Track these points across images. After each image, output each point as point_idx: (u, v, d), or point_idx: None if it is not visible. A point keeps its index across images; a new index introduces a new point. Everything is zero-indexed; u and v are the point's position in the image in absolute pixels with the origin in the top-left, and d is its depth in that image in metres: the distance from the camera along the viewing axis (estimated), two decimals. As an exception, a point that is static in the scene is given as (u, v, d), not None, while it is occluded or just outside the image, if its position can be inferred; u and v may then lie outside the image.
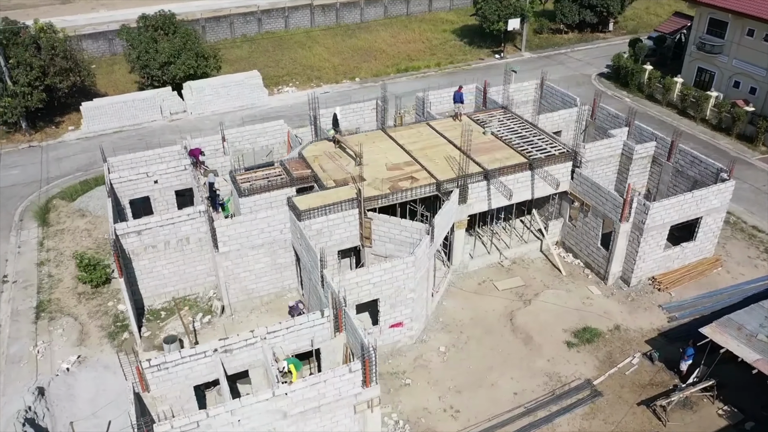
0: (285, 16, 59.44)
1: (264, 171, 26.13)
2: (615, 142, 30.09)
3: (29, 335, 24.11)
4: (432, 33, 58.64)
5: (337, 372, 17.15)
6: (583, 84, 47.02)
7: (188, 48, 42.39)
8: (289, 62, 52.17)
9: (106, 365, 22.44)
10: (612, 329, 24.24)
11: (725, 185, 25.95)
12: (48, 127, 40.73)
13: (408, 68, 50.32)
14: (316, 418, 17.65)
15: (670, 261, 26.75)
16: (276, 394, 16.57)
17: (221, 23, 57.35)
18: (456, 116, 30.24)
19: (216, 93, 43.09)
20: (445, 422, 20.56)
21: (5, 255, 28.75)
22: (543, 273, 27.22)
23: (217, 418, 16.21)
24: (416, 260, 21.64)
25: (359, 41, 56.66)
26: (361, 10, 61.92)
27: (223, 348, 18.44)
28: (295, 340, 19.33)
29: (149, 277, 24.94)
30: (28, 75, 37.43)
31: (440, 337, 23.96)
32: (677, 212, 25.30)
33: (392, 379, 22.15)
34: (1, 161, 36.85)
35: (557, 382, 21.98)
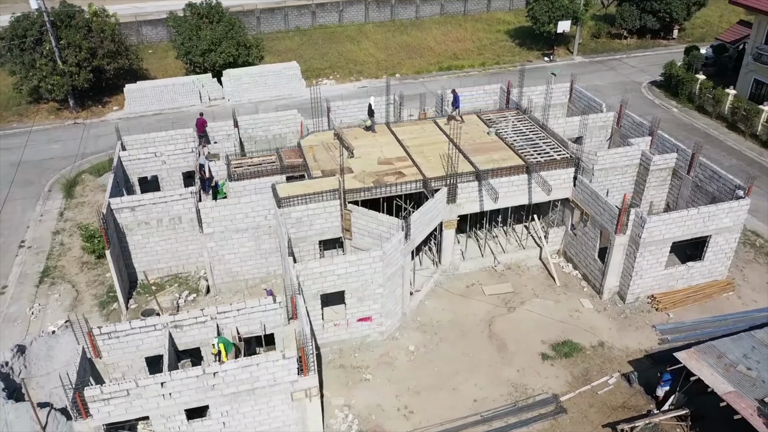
0: (339, 11, 60.07)
1: (260, 157, 26.57)
2: (632, 151, 28.57)
3: (29, 297, 25.65)
4: (484, 33, 57.64)
5: (271, 357, 17.24)
6: (631, 91, 44.90)
7: (230, 37, 43.65)
8: (335, 56, 52.72)
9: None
10: (595, 345, 23.05)
11: (738, 203, 24.08)
12: (95, 106, 43.10)
13: (451, 67, 49.69)
14: (250, 401, 17.83)
15: (673, 280, 25.13)
16: (206, 372, 16.86)
17: (276, 15, 58.69)
18: (450, 118, 29.38)
19: (254, 82, 44.17)
20: (396, 421, 20.23)
21: (28, 222, 30.69)
22: (536, 281, 26.23)
23: (147, 389, 16.69)
24: (384, 255, 21.39)
25: (409, 38, 56.48)
26: (417, 7, 61.67)
27: (173, 323, 18.94)
28: (246, 322, 19.59)
29: (142, 252, 25.93)
30: (77, 56, 39.71)
31: (413, 335, 23.59)
32: (680, 228, 23.71)
33: (354, 372, 22.01)
34: (45, 135, 39.32)
35: (522, 394, 21.14)
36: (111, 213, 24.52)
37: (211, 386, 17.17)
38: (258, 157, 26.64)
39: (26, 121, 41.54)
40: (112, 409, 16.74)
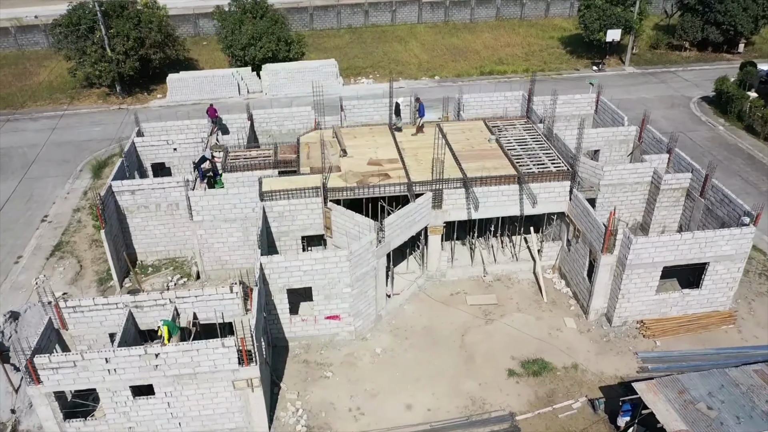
0: (392, 11, 60.29)
1: (259, 151, 27.21)
2: (642, 167, 27.27)
3: (38, 268, 27.41)
4: (536, 38, 56.28)
5: (210, 344, 17.71)
6: (677, 106, 42.74)
7: (271, 32, 44.77)
8: (380, 55, 52.99)
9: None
10: (568, 367, 22.20)
11: (741, 231, 22.50)
12: (141, 93, 45.37)
13: (493, 71, 48.90)
14: (193, 385, 18.38)
15: (666, 306, 23.80)
16: (148, 352, 17.54)
17: (329, 12, 59.60)
18: (418, 129, 28.72)
19: (291, 77, 45.13)
20: (344, 421, 20.28)
21: (55, 198, 32.76)
22: (523, 296, 25.51)
23: (93, 362, 17.54)
24: (352, 256, 21.45)
25: (458, 40, 55.97)
26: (472, 9, 60.98)
27: (134, 303, 19.78)
28: (204, 309, 20.18)
29: (142, 234, 27.15)
30: (125, 45, 41.95)
31: (383, 338, 23.52)
32: (672, 253, 22.42)
33: (316, 368, 22.22)
34: (90, 118, 41.77)
35: (478, 408, 20.67)
36: (113, 195, 25.83)
37: (154, 366, 17.83)
38: (256, 150, 27.26)
39: (77, 104, 44.30)
40: (61, 378, 17.71)
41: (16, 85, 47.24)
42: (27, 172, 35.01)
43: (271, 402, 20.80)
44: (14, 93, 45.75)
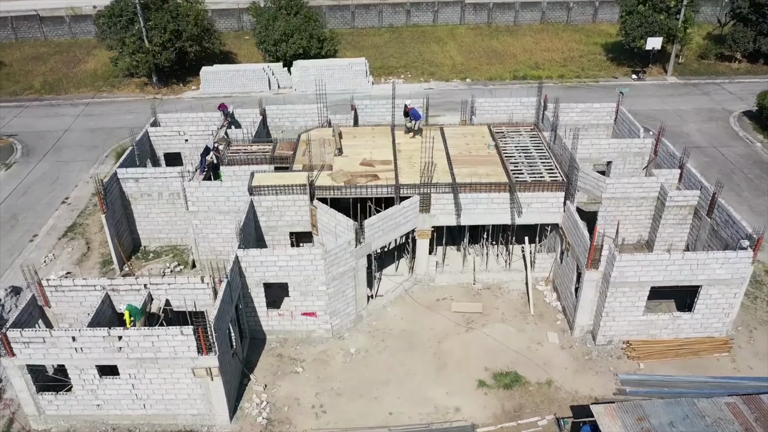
0: (434, 11, 60.02)
1: (259, 146, 27.72)
2: (648, 182, 26.29)
3: (49, 247, 28.85)
4: (579, 44, 54.83)
5: (169, 331, 18.23)
6: (715, 120, 40.83)
7: (303, 29, 45.40)
8: (416, 55, 52.88)
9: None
10: (542, 382, 21.64)
11: (737, 255, 21.34)
12: (177, 84, 46.94)
13: (526, 76, 47.97)
14: (155, 369, 18.97)
15: (655, 328, 22.84)
16: (111, 334, 18.24)
17: (371, 11, 59.88)
18: (410, 131, 28.42)
19: (320, 74, 45.56)
20: (305, 417, 20.47)
21: (77, 181, 34.35)
22: (510, 306, 25.01)
23: (60, 340, 18.38)
24: (327, 255, 21.60)
25: (497, 43, 55.21)
26: (516, 12, 59.98)
27: (111, 287, 20.59)
28: (177, 297, 20.77)
29: (145, 221, 28.14)
30: (162, 37, 43.48)
31: (359, 339, 23.58)
32: (660, 273, 21.48)
33: (288, 363, 22.51)
34: (125, 107, 43.52)
35: (441, 417, 20.45)
36: (118, 181, 26.90)
37: (118, 348, 18.52)
38: (257, 145, 27.78)
39: (116, 92, 46.27)
40: (32, 352, 18.63)
41: (63, 72, 49.77)
42: (58, 155, 36.94)
43: (238, 392, 21.23)
44: (61, 79, 48.20)
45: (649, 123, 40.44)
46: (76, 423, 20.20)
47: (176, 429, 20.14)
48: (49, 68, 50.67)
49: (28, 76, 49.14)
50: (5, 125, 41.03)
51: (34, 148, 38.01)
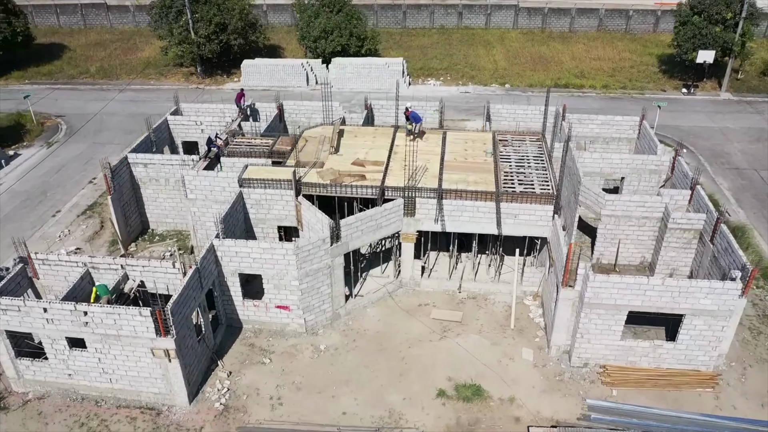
0: (487, 14, 59.16)
1: (263, 140, 28.35)
2: (651, 201, 25.11)
3: (66, 223, 30.62)
4: (633, 54, 52.62)
5: (129, 311, 19.05)
6: (763, 141, 38.42)
7: (344, 27, 45.88)
8: (459, 58, 52.35)
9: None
10: (504, 399, 21.11)
11: (723, 285, 20.05)
12: (220, 76, 48.53)
13: (568, 84, 46.55)
14: (118, 346, 19.87)
15: (634, 355, 21.79)
16: (77, 309, 19.25)
17: (422, 12, 59.71)
18: (410, 133, 28.04)
19: (357, 72, 46.03)
20: (261, 407, 20.86)
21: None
22: (491, 318, 24.49)
23: (33, 310, 19.58)
24: (299, 250, 21.89)
25: (546, 49, 53.81)
26: (572, 19, 58.23)
27: (91, 264, 21.69)
28: (150, 279, 21.64)
29: (153, 205, 29.39)
30: (207, 29, 45.08)
31: (332, 336, 23.75)
32: (638, 297, 20.48)
33: (257, 353, 22.98)
34: (168, 95, 45.29)
35: (392, 422, 20.33)
36: (128, 165, 28.24)
37: (84, 323, 19.52)
38: (259, 139, 28.40)
39: (163, 80, 48.39)
40: (9, 319, 19.92)
41: (121, 59, 52.50)
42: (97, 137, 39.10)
43: (204, 376, 21.88)
44: (117, 66, 50.89)
45: (689, 140, 38.54)
46: (51, 389, 21.43)
47: (139, 405, 21.00)
48: (108, 54, 53.59)
49: (87, 61, 52.17)
50: (57, 106, 43.76)
51: (77, 129, 40.37)
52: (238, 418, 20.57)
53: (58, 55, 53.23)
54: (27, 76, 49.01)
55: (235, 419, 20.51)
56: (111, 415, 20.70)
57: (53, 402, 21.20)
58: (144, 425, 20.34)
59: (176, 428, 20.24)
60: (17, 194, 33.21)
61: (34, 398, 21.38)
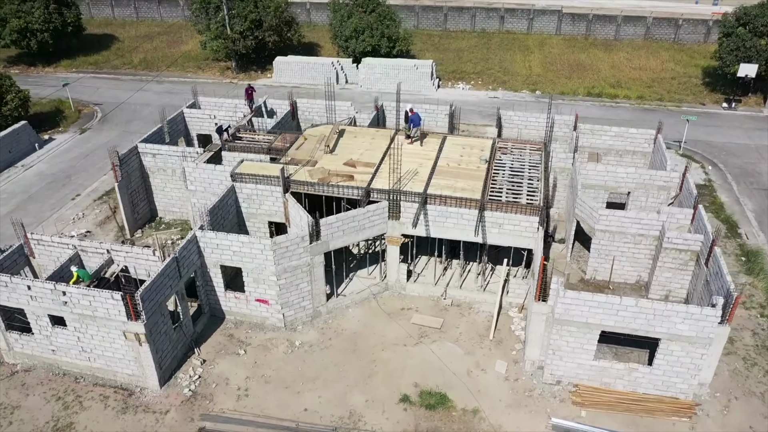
0: (529, 18, 58.12)
1: (265, 136, 28.90)
2: (647, 218, 24.22)
3: (82, 207, 32.09)
4: (677, 65, 50.58)
5: (103, 294, 19.87)
6: (797, 160, 36.21)
7: (375, 27, 46.10)
8: (495, 62, 51.68)
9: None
10: (468, 410, 20.84)
11: (701, 312, 19.13)
12: (255, 71, 49.65)
13: (602, 93, 45.24)
14: (94, 326, 20.77)
15: (609, 377, 21.07)
16: (56, 288, 20.24)
17: (463, 14, 59.23)
18: (409, 137, 27.83)
19: (385, 73, 46.17)
20: (227, 397, 21.34)
21: (133, 151, 37.70)
22: (471, 327, 24.18)
23: (18, 286, 20.71)
24: (276, 246, 22.25)
25: (585, 57, 52.44)
26: (617, 26, 56.45)
27: (80, 247, 22.73)
28: (132, 264, 22.49)
29: (161, 194, 30.45)
30: (242, 25, 46.22)
31: (309, 333, 24.03)
32: (611, 317, 19.81)
33: (234, 344, 23.50)
34: (201, 87, 46.66)
35: (351, 424, 20.41)
36: (138, 154, 29.38)
37: (63, 302, 20.51)
38: (262, 135, 28.97)
39: (200, 74, 49.93)
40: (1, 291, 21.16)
41: (164, 51, 54.49)
42: (127, 126, 40.77)
43: (180, 363, 22.57)
44: (159, 58, 52.85)
45: (720, 156, 36.94)
46: (37, 363, 22.61)
47: (115, 384, 21.89)
48: (153, 47, 55.71)
49: (133, 52, 54.40)
50: (97, 94, 45.86)
51: (110, 117, 42.21)
52: (203, 405, 21.13)
53: (107, 46, 55.73)
54: (75, 64, 51.57)
55: (201, 406, 21.08)
56: (86, 392, 21.65)
57: (37, 375, 22.36)
58: (114, 404, 21.19)
59: (144, 410, 20.99)
60: (44, 176, 35.06)
61: (21, 370, 22.61)
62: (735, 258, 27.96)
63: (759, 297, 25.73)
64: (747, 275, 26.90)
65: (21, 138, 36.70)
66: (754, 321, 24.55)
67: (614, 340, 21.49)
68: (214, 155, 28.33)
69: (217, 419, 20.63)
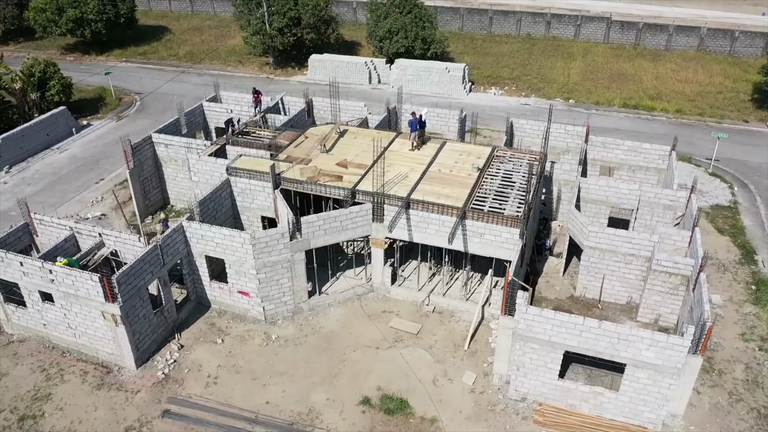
0: (576, 25, 56.59)
1: (270, 133, 29.54)
2: (638, 238, 23.38)
3: (103, 191, 33.70)
4: (726, 78, 48.11)
5: (84, 275, 20.96)
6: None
7: (410, 29, 46.10)
8: (534, 68, 50.68)
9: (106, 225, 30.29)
10: (426, 419, 20.76)
11: (666, 340, 18.35)
12: (292, 68, 50.63)
13: (638, 105, 43.64)
14: (78, 305, 21.93)
15: (574, 398, 20.51)
16: (44, 266, 21.50)
17: (509, 18, 58.29)
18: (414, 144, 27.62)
19: (417, 75, 46.14)
20: (197, 383, 22.06)
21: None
22: (448, 335, 24.01)
23: (12, 263, 22.12)
24: (255, 241, 22.80)
25: (629, 66, 50.63)
26: (669, 36, 54.16)
27: (76, 230, 24.01)
28: (122, 249, 23.56)
29: (173, 183, 31.66)
30: (280, 22, 47.24)
31: (288, 328, 24.48)
32: (574, 337, 19.28)
33: (214, 333, 24.24)
34: (237, 81, 48.11)
35: (307, 421, 20.71)
36: (152, 144, 30.66)
37: (51, 280, 21.77)
38: (268, 131, 29.61)
39: (240, 68, 51.34)
40: (-2, 266, 22.72)
41: (210, 45, 56.32)
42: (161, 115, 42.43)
43: (160, 346, 23.50)
44: (204, 51, 54.71)
45: (753, 177, 35.27)
46: (31, 335, 24.06)
47: (97, 361, 23.03)
48: (201, 40, 57.67)
49: (182, 45, 56.51)
50: (140, 84, 47.98)
51: (148, 106, 44.10)
52: (172, 388, 21.94)
53: (158, 37, 58.12)
54: (126, 54, 54.08)
55: (170, 390, 21.90)
56: (69, 366, 22.89)
57: (29, 346, 23.79)
58: (92, 380, 22.31)
59: (117, 388, 22.01)
60: (76, 160, 37.07)
61: (17, 340, 24.12)
62: (745, 286, 26.54)
63: (761, 329, 24.34)
64: (753, 305, 25.50)
65: (59, 122, 38.90)
66: (750, 354, 23.26)
67: (590, 361, 20.89)
68: (221, 149, 29.19)
69: (182, 403, 21.38)
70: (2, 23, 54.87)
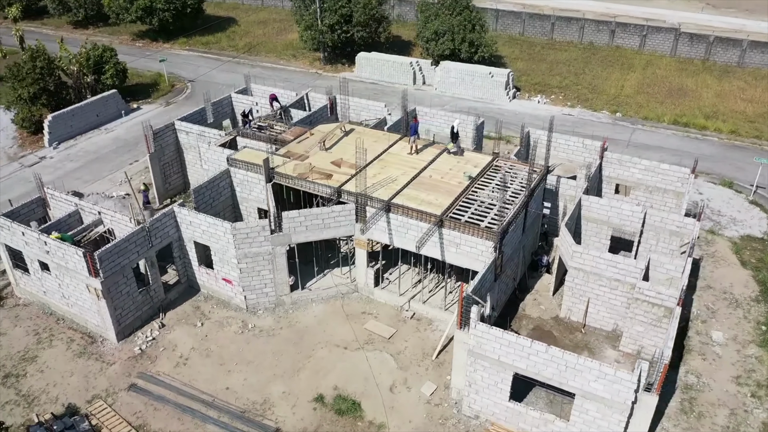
0: (642, 35, 53.85)
1: (281, 127, 30.22)
2: (624, 263, 22.29)
3: (133, 172, 35.59)
4: (799, 100, 44.35)
5: (71, 249, 22.40)
6: None
7: (457, 31, 45.57)
8: (587, 78, 48.77)
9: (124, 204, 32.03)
10: (375, 424, 20.75)
11: (614, 373, 17.41)
12: (342, 64, 51.31)
13: (688, 123, 41.08)
14: (68, 276, 23.47)
15: (524, 422, 19.86)
16: (40, 239, 23.16)
17: (571, 25, 56.28)
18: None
19: (460, 78, 45.56)
20: (168, 361, 23.09)
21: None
22: (419, 343, 23.78)
23: (15, 233, 23.97)
24: (235, 231, 23.49)
25: (691, 82, 47.68)
26: (742, 51, 50.50)
27: (80, 206, 25.64)
28: (117, 228, 24.92)
29: (193, 169, 33.02)
30: (331, 19, 48.01)
31: (265, 319, 25.06)
32: (523, 360, 18.65)
33: (196, 316, 25.22)
34: (286, 74, 49.35)
35: (260, 411, 21.23)
36: (174, 130, 32.15)
37: (46, 252, 23.43)
38: (280, 125, 30.28)
39: (292, 62, 52.59)
40: (6, 234, 24.58)
41: (271, 38, 57.96)
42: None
43: (143, 322, 24.72)
44: (262, 43, 56.41)
45: (796, 209, 32.22)
46: (34, 300, 25.97)
47: (85, 331, 24.56)
48: (263, 33, 59.47)
49: (244, 36, 58.51)
50: (195, 72, 50.19)
51: (197, 93, 46.00)
52: (144, 364, 23.06)
53: (224, 29, 60.47)
54: (189, 43, 56.68)
55: (142, 365, 23.03)
56: (60, 333, 24.55)
57: (31, 311, 25.69)
58: (76, 347, 23.82)
59: (96, 358, 23.39)
60: (119, 141, 39.39)
61: (23, 304, 26.10)
62: (754, 325, 24.61)
63: (760, 374, 22.51)
64: (759, 347, 23.61)
65: (109, 104, 41.44)
66: (739, 399, 21.57)
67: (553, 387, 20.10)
68: (234, 139, 30.18)
69: (150, 380, 22.42)
70: (83, 8, 58.85)
